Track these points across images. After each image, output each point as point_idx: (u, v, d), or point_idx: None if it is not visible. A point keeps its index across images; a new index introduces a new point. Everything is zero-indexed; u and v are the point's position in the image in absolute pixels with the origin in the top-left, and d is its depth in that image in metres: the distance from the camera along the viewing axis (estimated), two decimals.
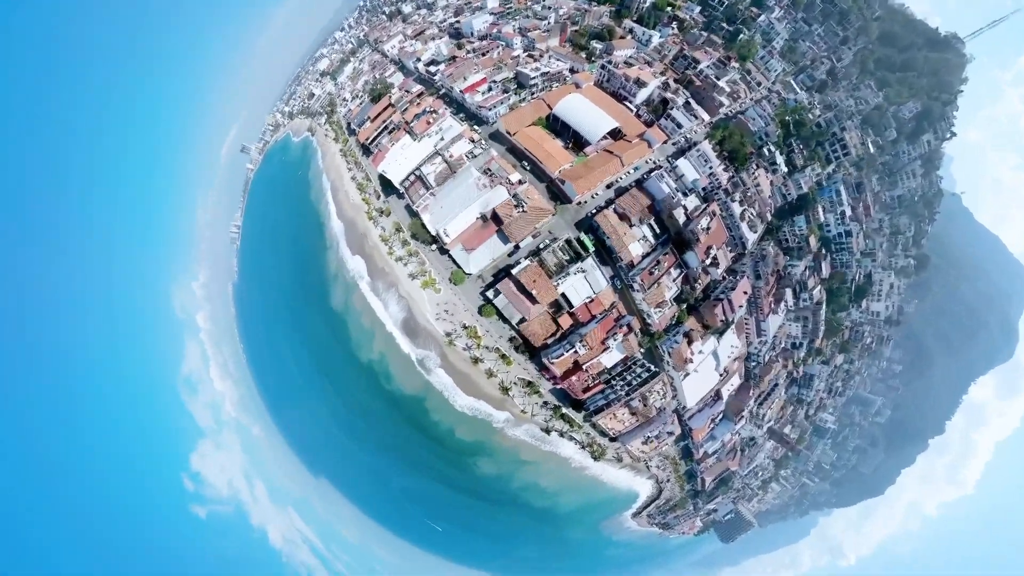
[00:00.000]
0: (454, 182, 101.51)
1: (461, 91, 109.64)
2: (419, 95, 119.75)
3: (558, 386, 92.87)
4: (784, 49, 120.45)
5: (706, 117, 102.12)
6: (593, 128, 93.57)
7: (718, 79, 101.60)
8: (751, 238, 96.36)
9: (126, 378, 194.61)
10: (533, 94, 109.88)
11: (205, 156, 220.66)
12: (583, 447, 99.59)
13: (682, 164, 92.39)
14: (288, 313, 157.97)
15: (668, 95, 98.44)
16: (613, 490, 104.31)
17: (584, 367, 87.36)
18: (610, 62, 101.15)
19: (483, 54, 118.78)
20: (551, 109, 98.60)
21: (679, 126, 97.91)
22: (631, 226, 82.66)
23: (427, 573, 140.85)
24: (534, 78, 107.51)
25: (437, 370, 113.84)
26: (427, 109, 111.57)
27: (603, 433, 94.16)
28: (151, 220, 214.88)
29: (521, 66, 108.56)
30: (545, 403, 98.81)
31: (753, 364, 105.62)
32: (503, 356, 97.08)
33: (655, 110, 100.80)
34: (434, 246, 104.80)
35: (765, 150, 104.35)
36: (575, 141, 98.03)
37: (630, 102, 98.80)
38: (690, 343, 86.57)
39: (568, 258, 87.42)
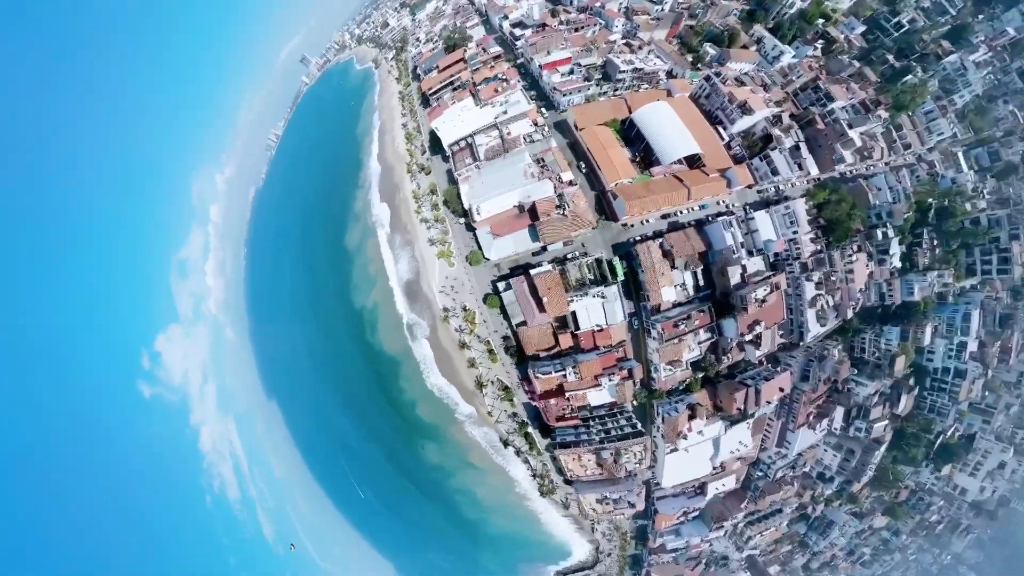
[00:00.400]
0: (503, 162, 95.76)
1: (540, 66, 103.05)
2: (495, 58, 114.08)
3: (534, 403, 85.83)
4: (968, 108, 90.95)
5: (814, 171, 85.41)
6: (669, 147, 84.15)
7: (851, 127, 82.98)
8: (814, 331, 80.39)
9: (124, 234, 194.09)
10: (616, 90, 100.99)
11: (263, 55, 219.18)
12: (534, 476, 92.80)
13: (760, 218, 79.86)
14: (300, 234, 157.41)
15: (775, 131, 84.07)
16: (547, 536, 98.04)
17: (567, 395, 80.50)
18: (718, 74, 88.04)
19: (576, 29, 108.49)
20: (630, 113, 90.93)
21: (774, 172, 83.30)
22: (672, 267, 74.63)
23: (331, 533, 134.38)
24: (623, 72, 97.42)
25: (422, 340, 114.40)
26: (499, 75, 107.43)
27: (560, 471, 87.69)
28: (197, 99, 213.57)
29: (614, 54, 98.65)
30: (514, 414, 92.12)
31: (759, 475, 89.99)
32: (491, 351, 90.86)
33: (752, 145, 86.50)
34: (462, 220, 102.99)
35: (879, 232, 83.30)
36: (644, 156, 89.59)
37: (725, 128, 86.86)
38: (691, 418, 77.44)
39: (592, 278, 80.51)
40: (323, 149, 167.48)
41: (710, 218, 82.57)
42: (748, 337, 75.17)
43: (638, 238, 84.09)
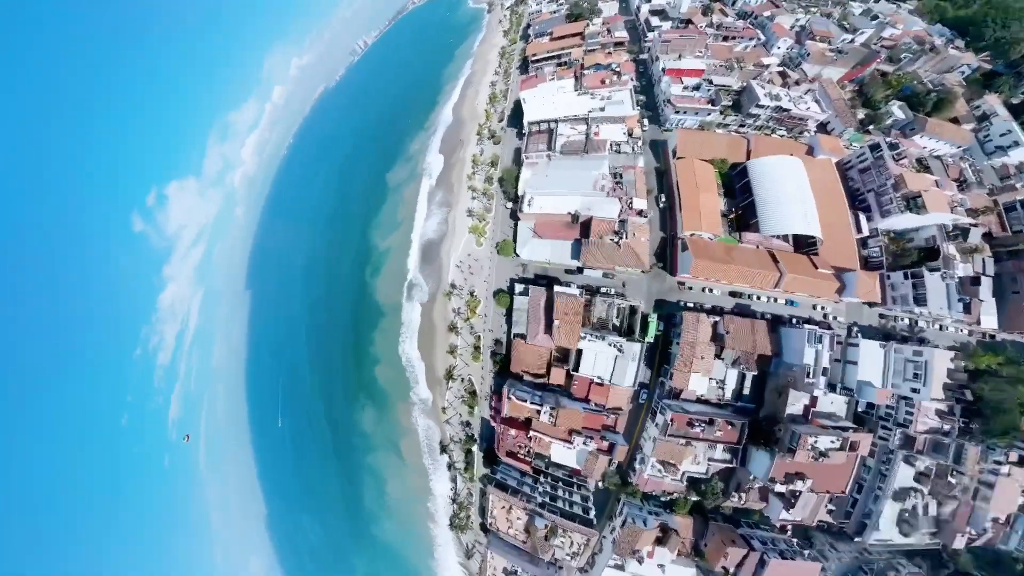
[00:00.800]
0: (577, 162, 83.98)
1: (664, 69, 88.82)
2: (617, 44, 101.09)
3: (493, 423, 73.68)
4: None
5: (989, 323, 57.82)
6: (779, 216, 64.99)
7: None
8: (884, 536, 53.77)
9: (187, 72, 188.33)
10: (743, 126, 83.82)
11: None
12: (454, 500, 80.00)
13: (867, 350, 56.78)
14: (348, 150, 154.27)
15: (949, 248, 59.26)
16: (431, 573, 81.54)
17: (531, 434, 67.22)
18: (894, 147, 66.91)
19: (725, 38, 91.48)
20: (747, 158, 74.84)
21: (919, 301, 58.63)
22: (717, 356, 59.97)
23: (229, 447, 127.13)
24: (762, 106, 77.32)
25: (416, 304, 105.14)
26: (613, 65, 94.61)
27: (483, 512, 72.49)
28: None
29: (759, 82, 79.82)
30: (467, 424, 79.84)
31: None
32: (477, 348, 79.31)
33: (902, 253, 62.31)
34: (510, 204, 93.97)
35: None
36: (742, 215, 72.23)
37: (869, 218, 66.04)
38: (659, 542, 60.46)
39: (617, 325, 67.91)
40: (404, 76, 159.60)
41: (795, 320, 64.29)
42: (780, 488, 53.92)
43: (690, 304, 70.13)
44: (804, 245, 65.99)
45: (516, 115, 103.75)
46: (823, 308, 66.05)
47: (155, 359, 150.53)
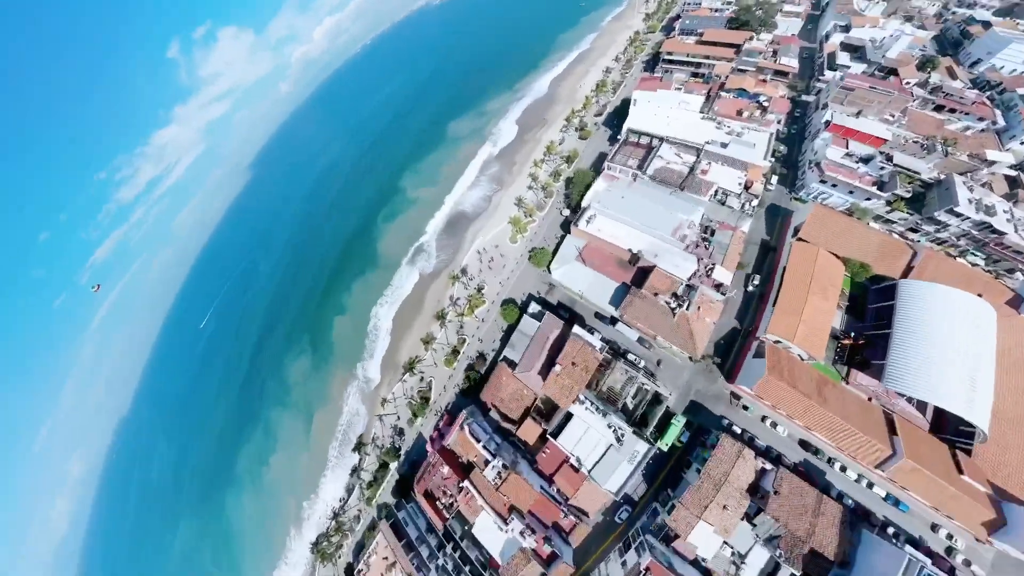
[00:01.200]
0: (664, 195, 68.19)
1: (827, 122, 67.09)
2: (778, 73, 79.59)
3: (428, 446, 56.50)
4: None
5: None
6: (927, 375, 43.72)
7: None
8: None
9: None
10: (914, 231, 58.83)
11: None
12: (334, 517, 62.97)
13: None
14: (423, 76, 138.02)
15: None
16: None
17: (464, 485, 50.15)
18: None
19: (940, 107, 66.70)
20: (903, 275, 53.21)
21: None
22: (748, 519, 42.45)
23: (133, 321, 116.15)
24: (960, 217, 53.38)
25: (414, 271, 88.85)
26: (761, 97, 75.80)
27: (359, 548, 55.95)
28: None
29: (969, 180, 57.56)
30: (400, 432, 63.51)
31: None
32: (455, 352, 61.58)
33: None
34: (566, 212, 79.94)
35: None
36: (864, 346, 51.54)
37: None
38: None
39: (630, 407, 49.99)
40: (517, 22, 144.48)
41: (891, 530, 42.37)
42: None
43: (737, 429, 51.42)
44: (953, 430, 44.19)
45: (618, 115, 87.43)
46: (950, 536, 42.35)
47: (115, 191, 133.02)
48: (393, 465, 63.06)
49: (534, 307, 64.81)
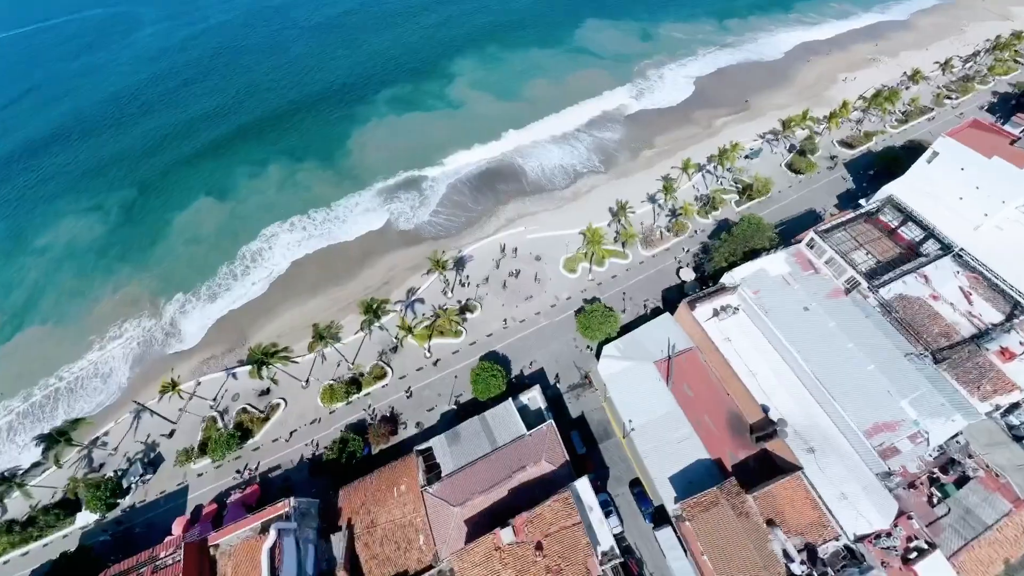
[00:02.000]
0: (887, 354, 34.46)
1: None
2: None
3: (175, 523, 29.58)
4: None
5: None
6: None
7: None
8: None
9: None
10: None
11: None
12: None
13: None
14: None
15: None
16: None
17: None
18: None
19: None
20: None
21: None
22: None
23: None
24: None
25: (376, 213, 57.51)
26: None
27: None
28: None
29: None
30: (146, 462, 37.54)
31: None
32: (354, 383, 37.08)
33: None
34: (686, 270, 46.53)
35: None
36: None
37: None
38: None
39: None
40: None
41: None
42: None
43: None
44: None
45: (884, 162, 48.14)
46: None
47: None
48: (82, 516, 33.60)
49: (535, 398, 34.12)
